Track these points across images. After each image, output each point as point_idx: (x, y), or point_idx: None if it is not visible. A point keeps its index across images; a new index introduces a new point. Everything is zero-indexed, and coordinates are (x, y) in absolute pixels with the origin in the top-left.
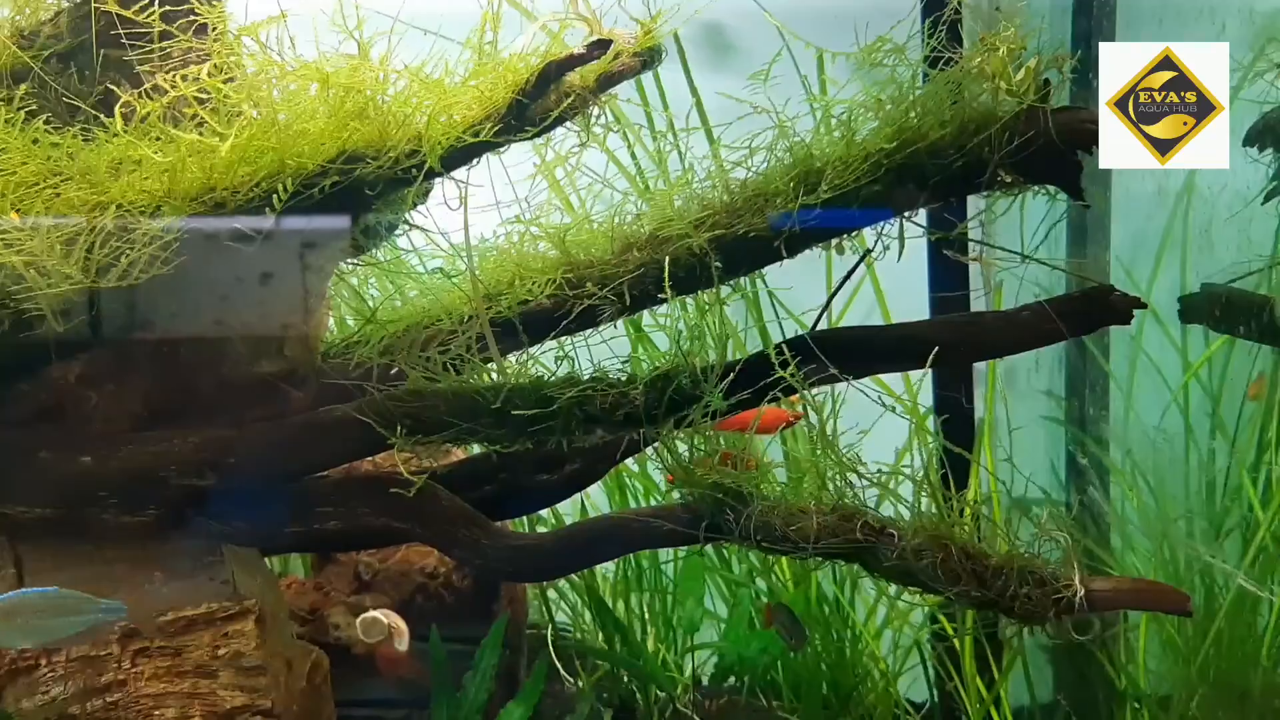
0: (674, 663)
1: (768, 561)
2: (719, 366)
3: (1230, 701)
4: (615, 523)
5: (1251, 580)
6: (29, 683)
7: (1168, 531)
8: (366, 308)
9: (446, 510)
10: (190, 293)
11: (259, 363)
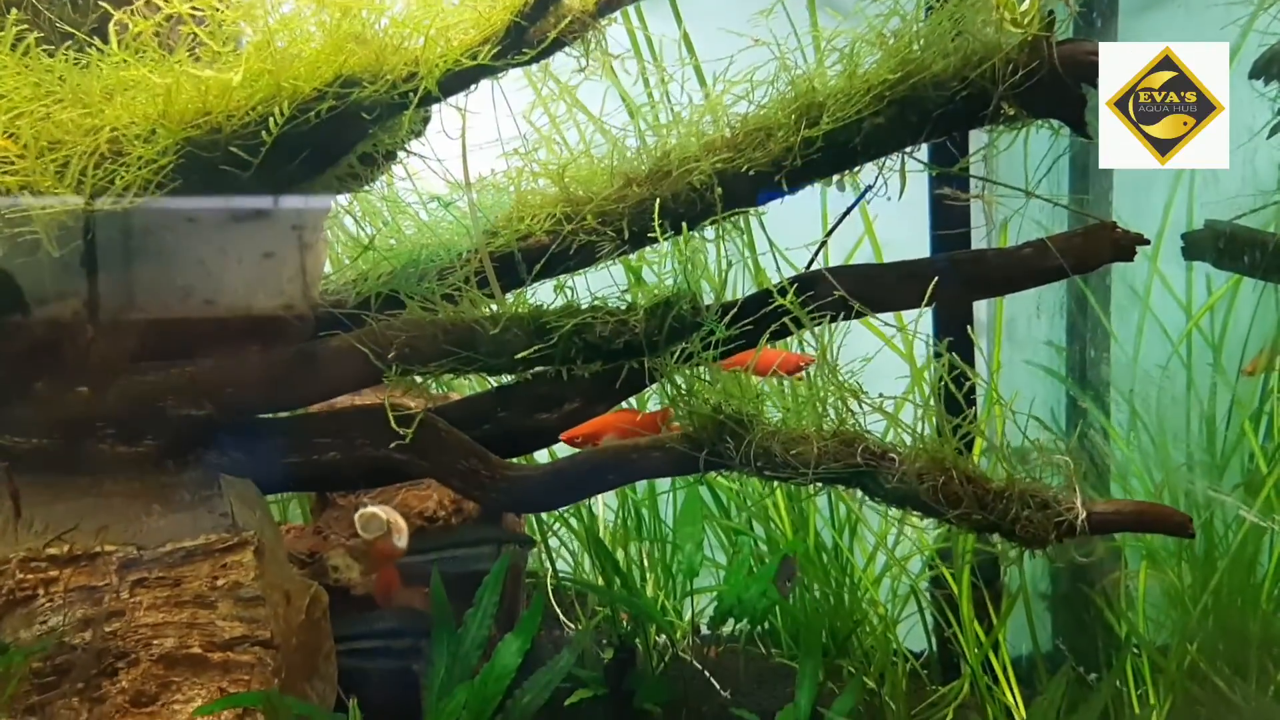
0: (673, 608)
1: (766, 511)
2: (719, 297)
3: (1230, 648)
4: (614, 453)
5: (1254, 512)
6: (27, 613)
7: (1167, 469)
8: (364, 240)
9: (445, 441)
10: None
11: (257, 297)
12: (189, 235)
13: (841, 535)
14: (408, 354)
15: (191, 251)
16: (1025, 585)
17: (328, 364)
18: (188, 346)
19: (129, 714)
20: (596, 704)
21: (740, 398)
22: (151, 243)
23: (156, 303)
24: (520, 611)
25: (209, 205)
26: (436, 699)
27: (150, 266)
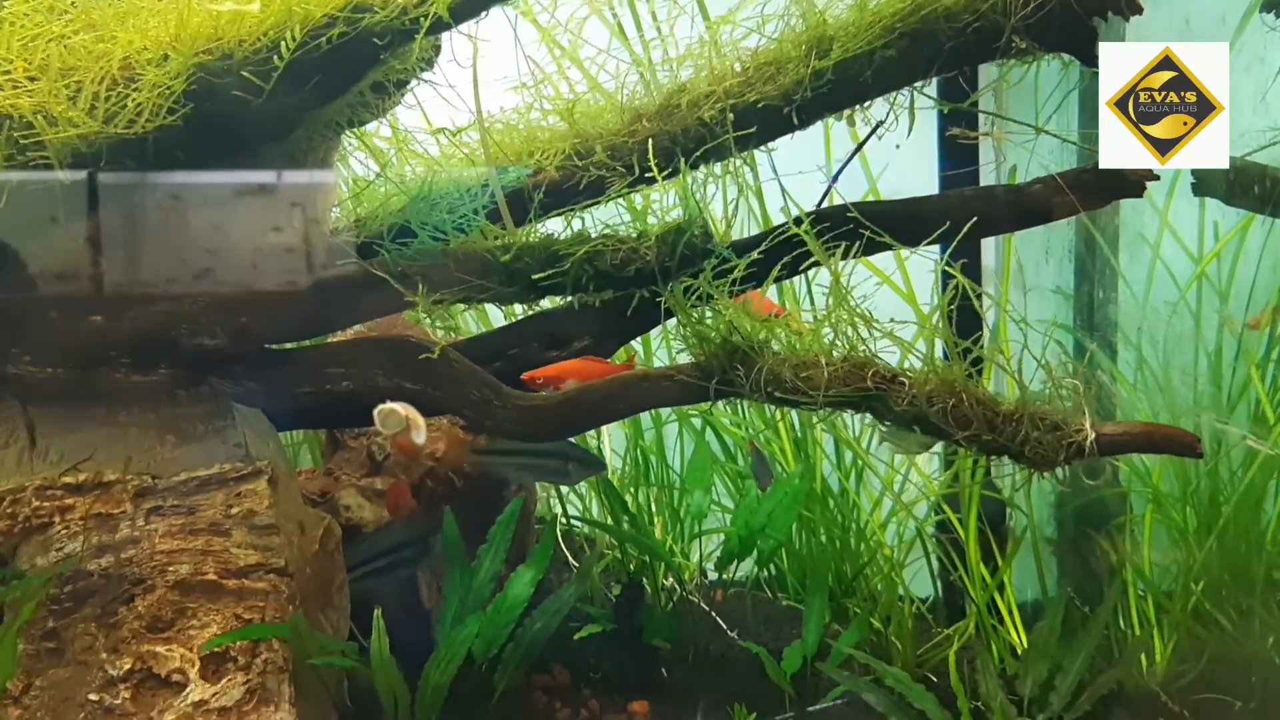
0: (681, 551)
1: (770, 447)
2: (725, 236)
3: (1234, 590)
4: (624, 382)
5: (1259, 440)
6: (43, 540)
7: (1172, 406)
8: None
9: (458, 372)
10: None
11: (266, 235)
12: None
13: (848, 480)
14: (421, 283)
15: (201, 185)
16: (1033, 527)
17: (340, 294)
18: (199, 277)
19: (145, 639)
20: (605, 639)
21: (751, 321)
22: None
23: (166, 236)
24: (530, 549)
25: (220, 131)
26: (449, 628)
27: (159, 199)
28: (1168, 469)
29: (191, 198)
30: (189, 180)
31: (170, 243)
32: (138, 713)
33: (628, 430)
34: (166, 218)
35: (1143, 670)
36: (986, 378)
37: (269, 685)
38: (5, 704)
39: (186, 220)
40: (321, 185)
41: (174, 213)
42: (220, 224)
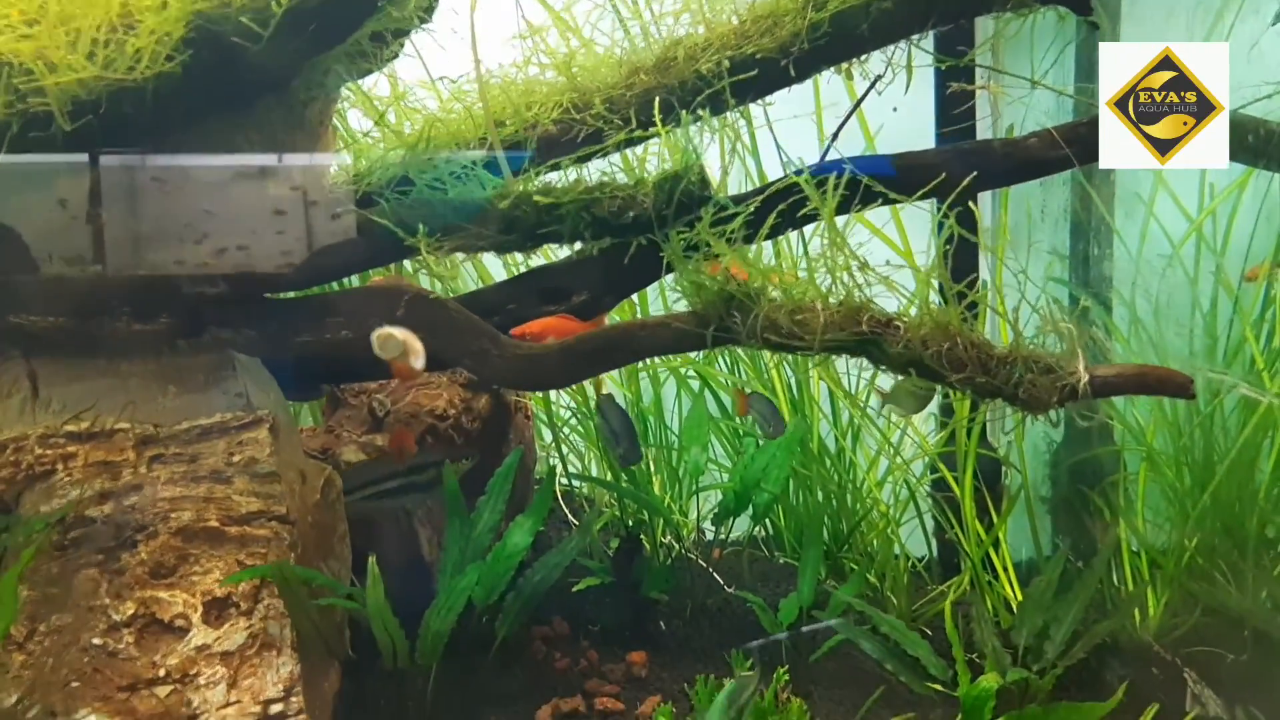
0: (679, 509)
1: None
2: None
3: (1227, 548)
4: (622, 331)
5: (1253, 387)
6: (46, 488)
7: (1165, 359)
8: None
9: (456, 321)
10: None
11: (265, 186)
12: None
13: (845, 439)
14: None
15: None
16: (1027, 486)
17: (340, 242)
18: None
19: (148, 585)
20: (604, 593)
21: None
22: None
23: (164, 187)
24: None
25: (219, 80)
26: (450, 578)
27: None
28: (1162, 428)
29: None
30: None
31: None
32: (141, 657)
33: (626, 391)
34: (162, 172)
35: (1136, 625)
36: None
37: (271, 631)
38: (9, 649)
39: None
40: (319, 136)
41: (170, 165)
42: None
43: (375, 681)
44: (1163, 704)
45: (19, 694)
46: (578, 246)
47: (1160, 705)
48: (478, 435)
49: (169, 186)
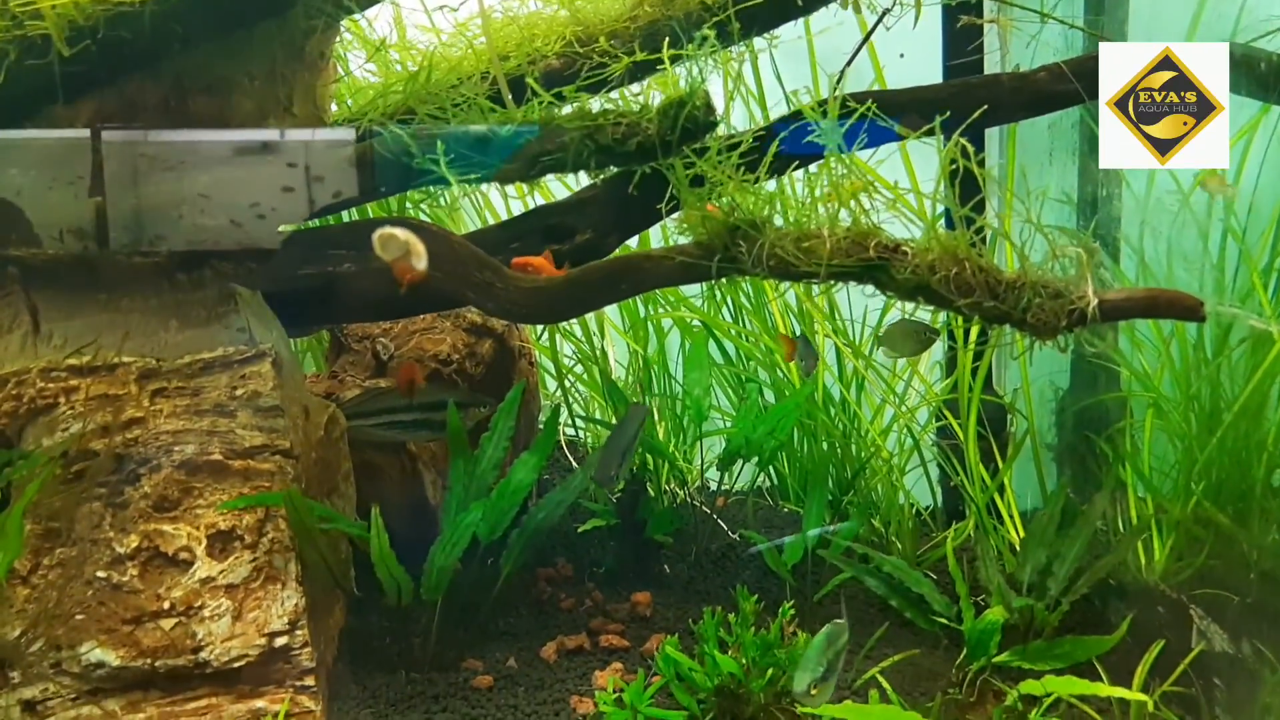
0: (683, 455)
1: (774, 358)
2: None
3: (1233, 494)
4: (628, 262)
5: (1262, 319)
6: (49, 421)
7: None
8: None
9: (459, 253)
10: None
11: (267, 119)
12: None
13: (849, 389)
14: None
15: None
16: (1033, 432)
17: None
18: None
19: (152, 518)
20: (608, 536)
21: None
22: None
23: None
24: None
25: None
26: (454, 515)
27: (159, 84)
28: (1169, 373)
29: (188, 80)
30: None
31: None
32: (146, 589)
33: (630, 341)
34: (164, 107)
35: (1141, 568)
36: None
37: (276, 564)
38: (13, 584)
39: (186, 111)
40: (318, 69)
41: (172, 103)
42: (219, 116)
43: (380, 618)
44: (1168, 641)
45: (23, 628)
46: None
47: (1166, 642)
48: (481, 380)
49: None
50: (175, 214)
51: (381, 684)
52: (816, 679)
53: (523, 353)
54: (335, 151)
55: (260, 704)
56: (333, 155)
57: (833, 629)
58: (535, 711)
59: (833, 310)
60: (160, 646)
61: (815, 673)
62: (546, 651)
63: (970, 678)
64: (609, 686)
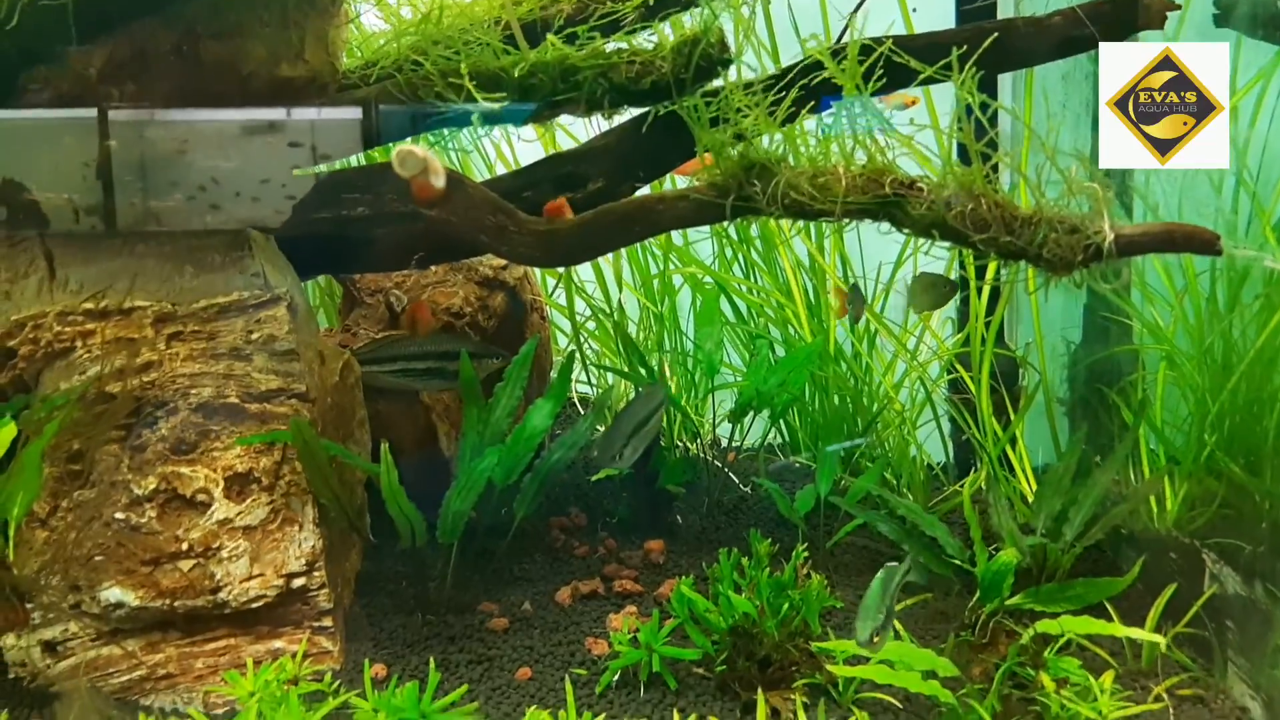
0: (694, 407)
1: (784, 311)
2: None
3: (1245, 445)
4: (641, 204)
5: (1275, 259)
6: (66, 365)
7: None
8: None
9: (472, 197)
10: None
11: (279, 65)
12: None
13: (861, 343)
14: (436, 101)
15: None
16: (1045, 386)
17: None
18: (216, 102)
19: (169, 461)
20: (621, 484)
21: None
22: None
23: (174, 65)
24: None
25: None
26: (468, 461)
27: (170, 29)
28: (1182, 327)
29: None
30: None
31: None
32: (164, 531)
33: (640, 298)
34: (178, 53)
35: (1154, 518)
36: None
37: (292, 506)
38: (32, 526)
39: (198, 58)
40: (333, 18)
41: (185, 49)
42: (231, 62)
43: (395, 563)
44: (1181, 586)
45: (43, 570)
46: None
47: (1178, 586)
48: (494, 334)
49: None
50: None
51: (398, 626)
52: (878, 626)
53: (535, 306)
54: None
55: (278, 644)
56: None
57: (886, 573)
58: (551, 653)
59: (845, 266)
60: (179, 587)
61: (876, 620)
62: (561, 596)
63: (983, 620)
64: (624, 628)
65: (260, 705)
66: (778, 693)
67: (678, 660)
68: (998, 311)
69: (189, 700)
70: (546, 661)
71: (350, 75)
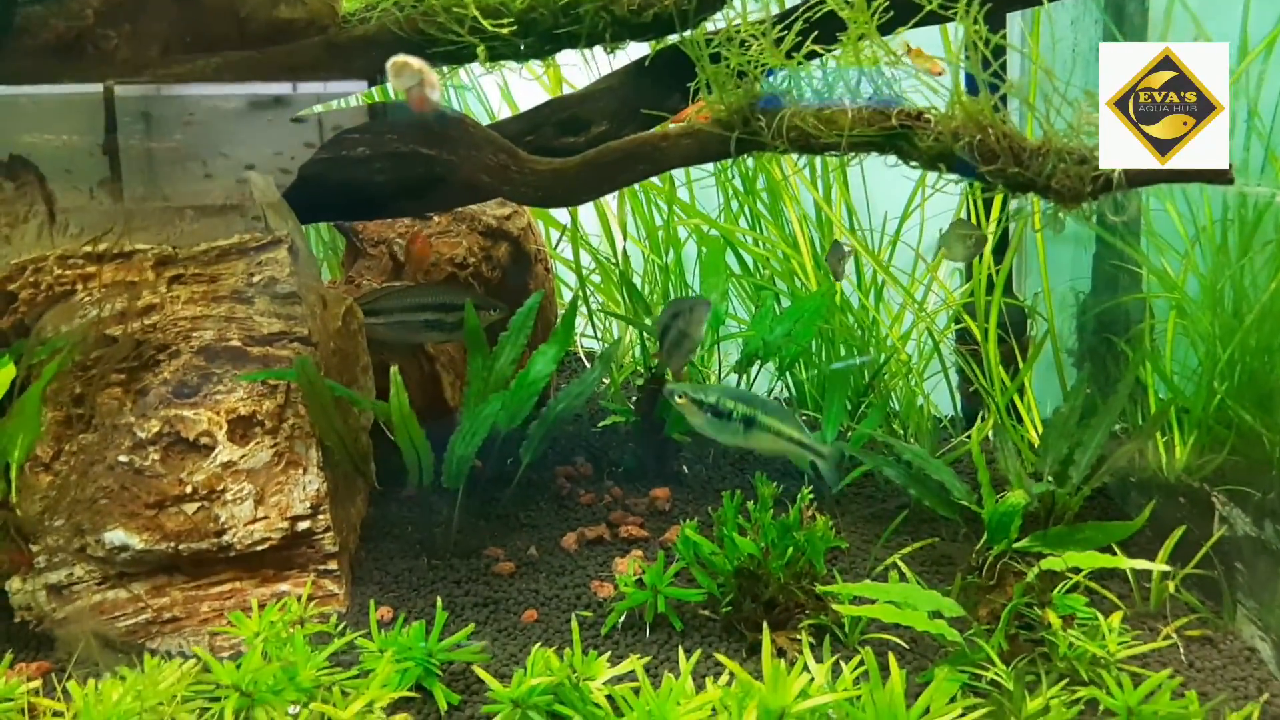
0: (701, 359)
1: (790, 264)
2: None
3: (1255, 393)
4: (645, 142)
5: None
6: (66, 308)
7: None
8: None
9: (474, 136)
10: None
11: (278, 7)
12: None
13: (868, 296)
14: (434, 38)
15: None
16: (1053, 335)
17: (354, 50)
18: (213, 45)
19: (171, 404)
20: (627, 435)
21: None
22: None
23: (175, 4)
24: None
25: None
26: (472, 407)
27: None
28: (1193, 275)
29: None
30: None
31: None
32: (168, 474)
33: (645, 250)
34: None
35: (1162, 465)
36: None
37: (296, 449)
38: (35, 471)
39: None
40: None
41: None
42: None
43: (401, 509)
44: (1189, 530)
45: (47, 513)
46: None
47: (1187, 529)
48: (498, 285)
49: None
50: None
51: (403, 570)
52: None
53: (539, 257)
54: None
55: (284, 587)
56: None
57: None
58: (556, 595)
59: (851, 217)
60: (183, 530)
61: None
62: (567, 541)
63: (990, 562)
64: (629, 570)
65: (265, 645)
66: (783, 633)
67: (683, 602)
68: (1006, 261)
69: (195, 644)
70: (552, 604)
71: (351, 18)
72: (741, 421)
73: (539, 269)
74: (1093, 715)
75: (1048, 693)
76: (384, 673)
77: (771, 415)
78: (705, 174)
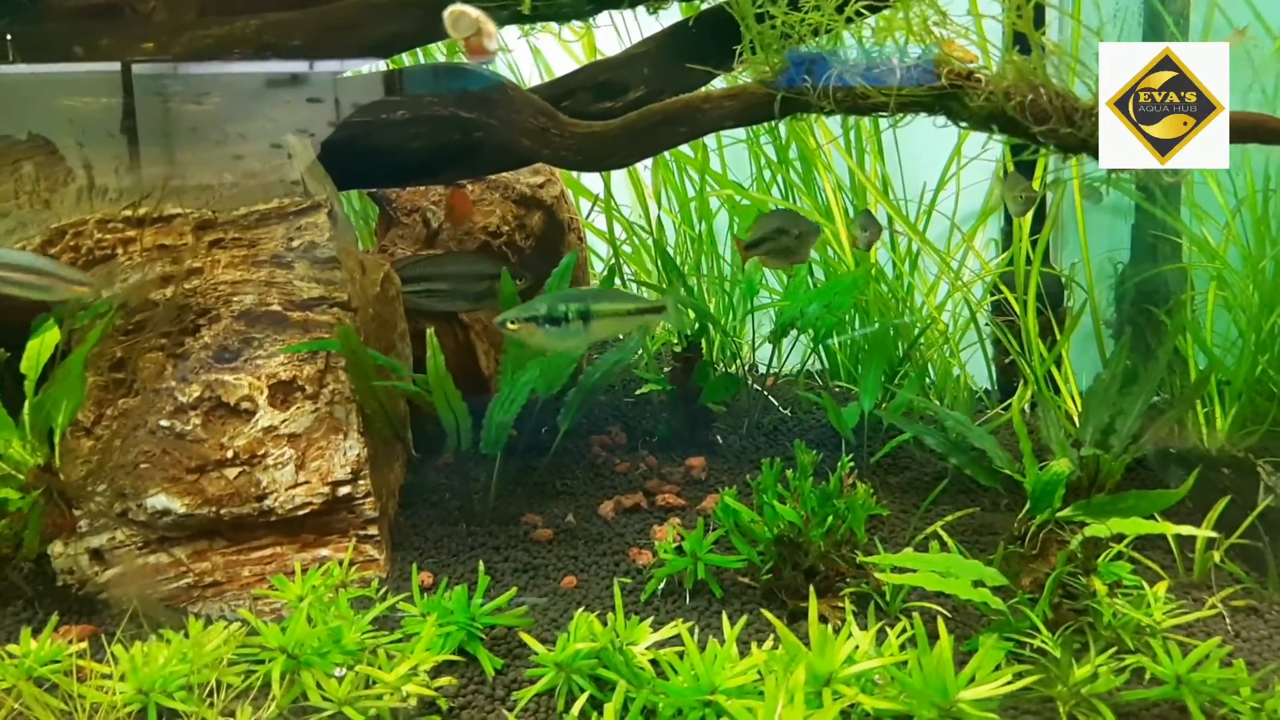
0: (733, 327)
1: (823, 233)
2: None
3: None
4: (686, 104)
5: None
6: (106, 271)
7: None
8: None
9: (513, 99)
10: None
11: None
12: None
13: (903, 265)
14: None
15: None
16: (1093, 305)
17: (392, 10)
18: (250, 7)
19: (212, 369)
20: (661, 405)
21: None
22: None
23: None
24: None
25: None
26: (510, 374)
27: None
28: (1233, 244)
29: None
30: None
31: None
32: (209, 438)
33: (677, 220)
34: None
35: (1203, 436)
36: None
37: (337, 414)
38: (77, 435)
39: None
40: None
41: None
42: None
43: (439, 475)
44: (1233, 499)
45: (90, 478)
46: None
47: (1231, 498)
48: (531, 254)
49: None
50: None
51: (443, 536)
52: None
53: (571, 226)
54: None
55: (325, 552)
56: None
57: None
58: (595, 562)
59: (886, 186)
60: (225, 494)
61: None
62: (604, 509)
63: (1033, 531)
64: (669, 537)
65: (309, 610)
66: (825, 601)
67: (723, 570)
68: (1044, 231)
69: (236, 608)
70: (591, 571)
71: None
72: (579, 319)
73: (572, 238)
74: (1139, 683)
75: (1095, 660)
76: (427, 636)
77: (603, 300)
78: (734, 140)
